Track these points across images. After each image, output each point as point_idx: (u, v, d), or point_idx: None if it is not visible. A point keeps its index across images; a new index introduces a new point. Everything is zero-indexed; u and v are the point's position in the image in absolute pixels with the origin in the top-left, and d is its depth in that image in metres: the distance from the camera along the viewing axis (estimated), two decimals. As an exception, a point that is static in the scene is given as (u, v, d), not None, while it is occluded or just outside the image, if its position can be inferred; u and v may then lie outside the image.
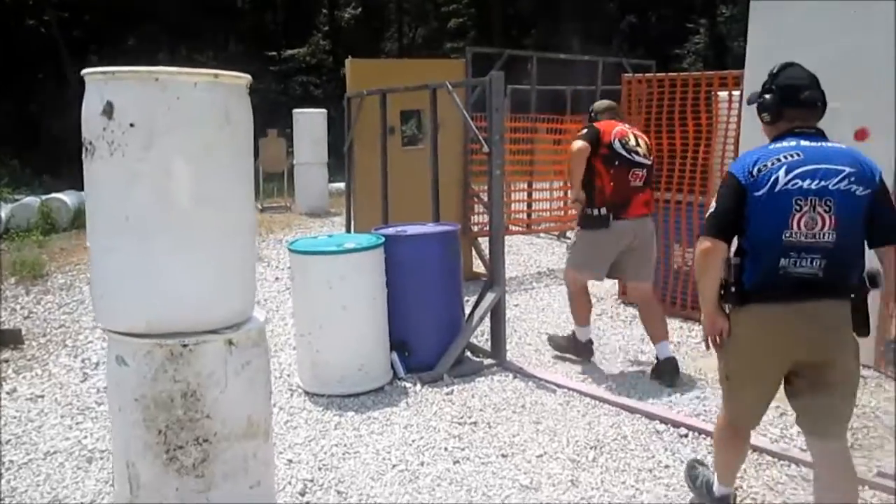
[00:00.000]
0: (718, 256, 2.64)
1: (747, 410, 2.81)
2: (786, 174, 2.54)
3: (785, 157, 2.57)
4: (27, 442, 3.98)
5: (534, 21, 27.19)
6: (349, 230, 6.79)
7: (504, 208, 5.15)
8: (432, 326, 4.83)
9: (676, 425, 3.93)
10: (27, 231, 10.08)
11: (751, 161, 2.62)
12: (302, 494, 3.38)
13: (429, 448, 3.78)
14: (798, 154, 2.57)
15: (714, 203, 2.69)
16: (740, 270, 2.62)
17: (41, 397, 4.64)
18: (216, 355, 2.63)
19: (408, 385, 4.63)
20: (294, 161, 13.13)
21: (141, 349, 2.58)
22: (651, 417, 4.05)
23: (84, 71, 2.56)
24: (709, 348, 2.82)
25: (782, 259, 2.53)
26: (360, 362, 4.50)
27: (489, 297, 4.92)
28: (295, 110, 13.36)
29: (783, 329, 2.59)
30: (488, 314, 4.95)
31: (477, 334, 5.20)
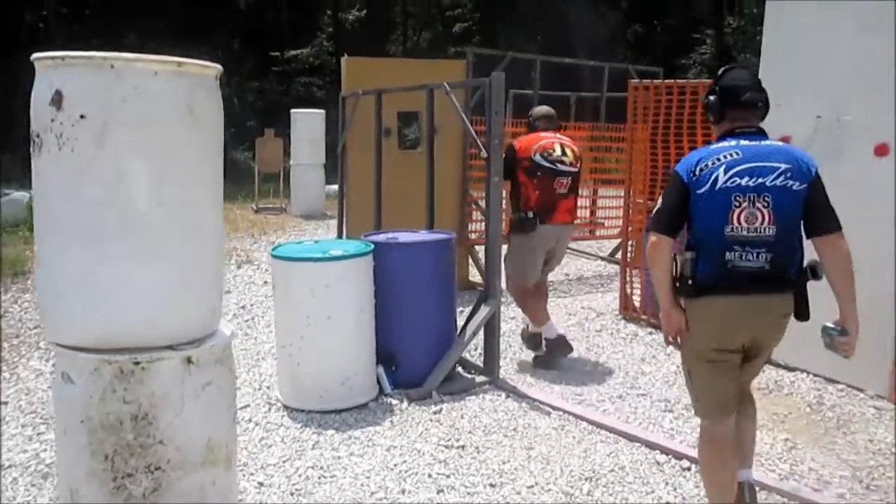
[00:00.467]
0: (665, 250, 2.78)
1: (716, 400, 2.87)
2: (725, 172, 2.69)
3: (724, 157, 2.71)
4: (-18, 454, 3.72)
5: (539, 27, 26.95)
6: (341, 235, 6.53)
7: (502, 216, 4.87)
8: (422, 340, 4.56)
9: (678, 457, 3.66)
10: (15, 226, 9.83)
11: (694, 160, 2.77)
12: (271, 523, 3.12)
13: (412, 474, 3.51)
14: (737, 153, 2.71)
15: (660, 200, 2.86)
16: (694, 264, 2.75)
17: (4, 403, 4.38)
18: (172, 374, 2.37)
19: (394, 402, 4.37)
20: (291, 162, 12.89)
21: (88, 366, 2.33)
22: (651, 447, 3.78)
23: (33, 56, 2.31)
24: (668, 344, 2.96)
25: (727, 253, 2.68)
26: (344, 376, 4.24)
27: (483, 311, 4.65)
28: (293, 110, 13.13)
29: (735, 319, 2.75)
30: (482, 328, 4.68)
31: (469, 348, 4.93)
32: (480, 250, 7.22)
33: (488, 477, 3.48)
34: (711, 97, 2.88)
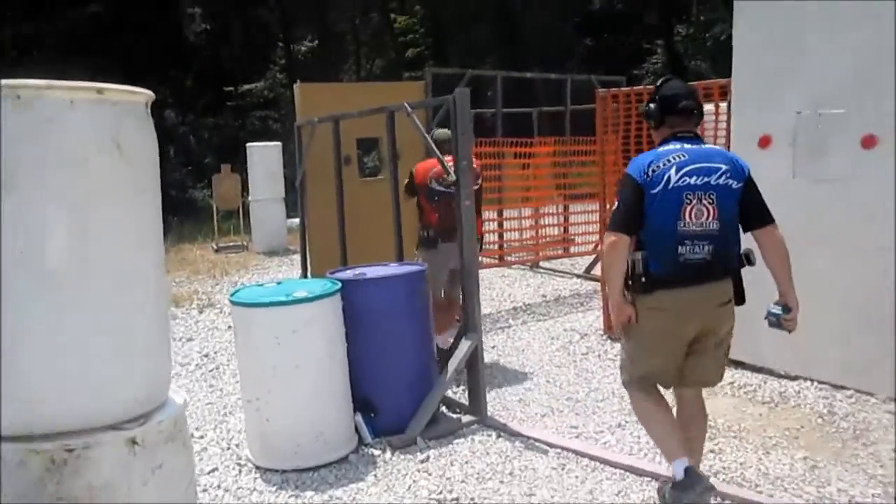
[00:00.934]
0: (624, 248, 2.97)
1: (651, 380, 3.14)
2: (676, 172, 2.92)
3: (673, 158, 2.95)
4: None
5: (491, 47, 26.94)
6: (305, 274, 6.15)
7: (475, 240, 4.55)
8: (401, 382, 4.20)
9: (694, 491, 3.33)
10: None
11: (645, 162, 2.99)
12: None
13: (403, 537, 3.15)
14: (684, 155, 2.95)
15: (617, 202, 3.09)
16: (646, 262, 2.96)
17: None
18: (114, 460, 1.99)
19: (376, 452, 3.99)
20: (249, 197, 12.47)
21: (12, 458, 1.93)
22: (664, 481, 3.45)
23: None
24: (615, 334, 3.26)
25: (679, 247, 2.91)
26: (318, 430, 3.85)
27: (465, 345, 4.30)
28: (248, 144, 12.74)
29: (686, 308, 2.97)
30: (464, 364, 4.33)
31: (451, 385, 4.58)
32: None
33: (488, 533, 3.12)
34: (651, 105, 3.15)
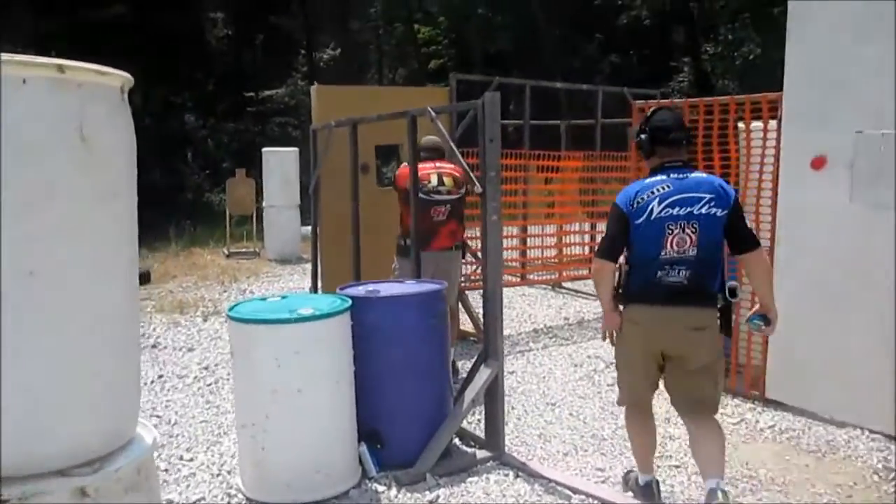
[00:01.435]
0: (608, 274, 3.19)
1: (636, 390, 3.34)
2: (659, 204, 3.07)
3: (657, 190, 3.10)
4: None
5: (515, 61, 26.61)
6: (316, 288, 5.80)
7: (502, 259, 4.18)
8: (412, 412, 3.83)
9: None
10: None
11: (632, 193, 3.15)
12: None
13: None
14: (668, 186, 3.09)
15: (606, 229, 3.24)
16: (629, 277, 3.17)
17: None
18: (59, 516, 1.63)
19: (380, 488, 3.62)
20: (263, 203, 12.18)
21: (-67, 510, 1.58)
22: (703, 542, 3.06)
23: None
24: (605, 340, 3.41)
25: (659, 272, 3.08)
26: (318, 462, 3.48)
27: (484, 373, 3.93)
28: (265, 149, 12.46)
29: (652, 326, 3.15)
30: (483, 394, 3.95)
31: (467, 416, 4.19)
32: (471, 294, 6.55)
33: None
34: (642, 136, 3.26)
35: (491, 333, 3.97)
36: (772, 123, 4.70)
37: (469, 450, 4.07)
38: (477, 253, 6.64)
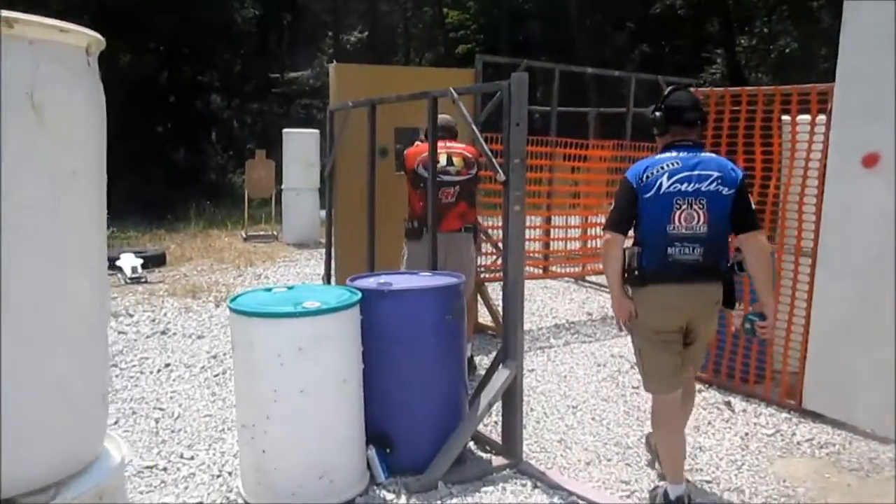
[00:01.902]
0: (617, 245, 3.20)
1: (663, 376, 3.26)
2: (668, 179, 3.11)
3: (667, 166, 3.14)
4: None
5: (543, 48, 26.16)
6: (328, 276, 5.56)
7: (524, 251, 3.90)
8: (424, 414, 3.58)
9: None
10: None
11: (641, 169, 3.18)
12: None
13: None
14: (677, 163, 3.14)
15: (613, 202, 3.28)
16: (640, 257, 3.17)
17: None
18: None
19: (388, 496, 3.38)
20: (282, 186, 11.97)
21: None
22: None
23: None
24: (621, 330, 3.39)
25: (669, 248, 3.11)
26: (324, 467, 3.24)
27: (502, 374, 3.66)
28: (285, 130, 12.24)
29: (675, 304, 3.16)
30: (500, 396, 3.68)
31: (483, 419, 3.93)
32: (490, 286, 6.29)
33: None
34: (658, 114, 3.30)
35: (510, 331, 3.70)
36: (820, 117, 4.36)
37: (484, 456, 3.82)
38: (498, 244, 6.39)
